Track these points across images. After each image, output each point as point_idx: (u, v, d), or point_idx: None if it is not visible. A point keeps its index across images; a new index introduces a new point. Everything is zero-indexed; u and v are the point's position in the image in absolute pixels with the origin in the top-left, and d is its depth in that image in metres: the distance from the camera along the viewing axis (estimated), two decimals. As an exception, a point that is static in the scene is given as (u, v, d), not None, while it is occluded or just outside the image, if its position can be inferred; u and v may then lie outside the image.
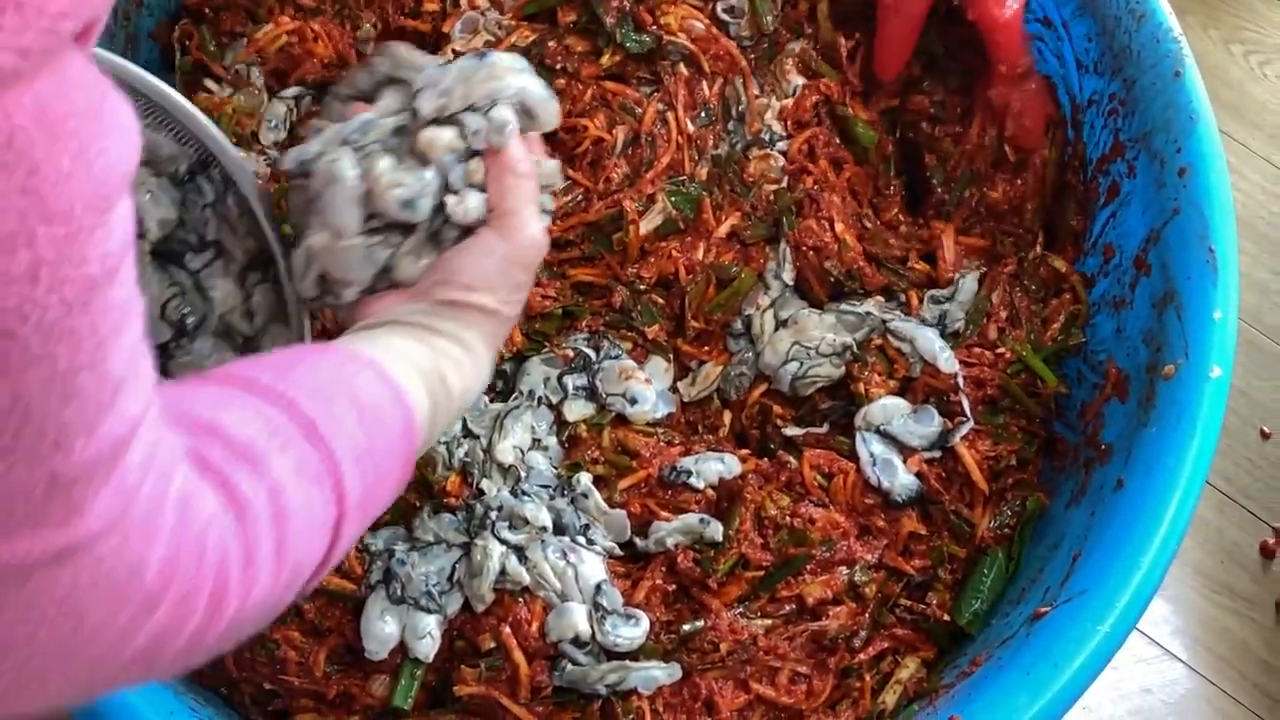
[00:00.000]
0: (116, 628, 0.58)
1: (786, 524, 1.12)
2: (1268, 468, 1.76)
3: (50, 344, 0.47)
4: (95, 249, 0.48)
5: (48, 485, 0.50)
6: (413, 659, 1.06)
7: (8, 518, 0.50)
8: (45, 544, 0.51)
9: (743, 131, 1.23)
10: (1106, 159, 1.23)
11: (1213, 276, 1.08)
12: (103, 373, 0.50)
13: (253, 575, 0.67)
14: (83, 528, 0.53)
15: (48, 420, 0.48)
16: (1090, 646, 0.97)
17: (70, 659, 0.57)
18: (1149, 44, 1.18)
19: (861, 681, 1.11)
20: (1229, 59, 2.07)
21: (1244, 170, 1.96)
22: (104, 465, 0.52)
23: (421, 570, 1.07)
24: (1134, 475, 1.06)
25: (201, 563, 0.62)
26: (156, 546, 0.58)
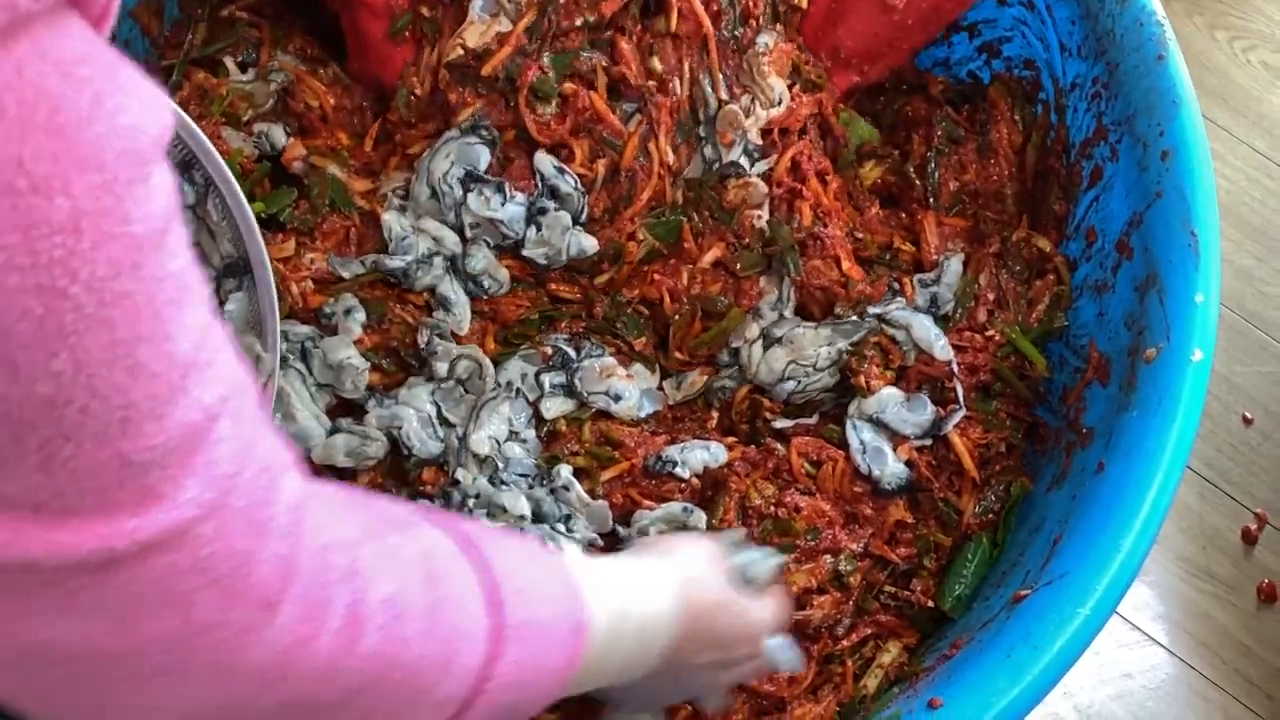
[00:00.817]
0: (231, 628, 0.56)
1: (771, 513, 1.11)
2: (1249, 453, 1.76)
3: (105, 308, 0.46)
4: (137, 208, 0.47)
5: (119, 468, 0.49)
6: None
7: (80, 500, 0.49)
8: (128, 530, 0.50)
9: (714, 139, 1.19)
10: (1089, 143, 1.23)
11: (1195, 260, 1.08)
12: (167, 350, 0.49)
13: (396, 616, 0.64)
14: (170, 515, 0.51)
15: (113, 395, 0.47)
16: (1070, 629, 0.97)
17: (186, 663, 0.55)
18: (1132, 27, 1.18)
19: (843, 667, 1.10)
20: (1213, 44, 2.07)
21: (1227, 156, 1.96)
22: (180, 452, 0.51)
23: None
24: (1115, 458, 1.05)
25: (327, 573, 0.60)
26: (266, 542, 0.56)
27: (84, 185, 0.45)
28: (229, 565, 0.54)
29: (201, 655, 0.55)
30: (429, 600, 0.67)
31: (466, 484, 1.09)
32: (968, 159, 1.31)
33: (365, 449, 1.10)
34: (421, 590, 0.67)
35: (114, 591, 0.51)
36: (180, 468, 0.51)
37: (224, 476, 0.53)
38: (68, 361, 0.46)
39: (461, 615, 0.70)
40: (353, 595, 0.62)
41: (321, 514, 0.61)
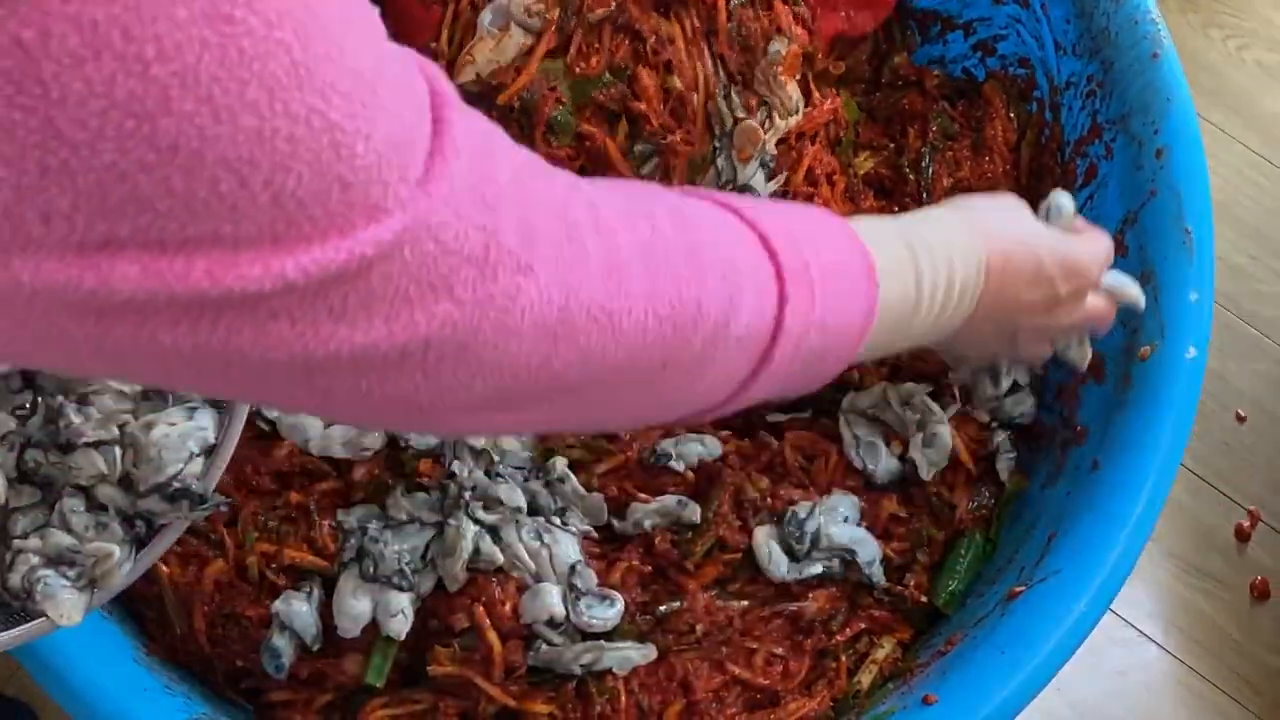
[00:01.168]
0: (496, 299, 0.57)
1: (766, 506, 1.12)
2: (1243, 451, 1.77)
3: (274, 29, 0.45)
4: None
5: (343, 190, 0.49)
6: (385, 637, 1.05)
7: (314, 227, 0.49)
8: (369, 237, 0.50)
9: (729, 153, 1.17)
10: (1084, 141, 1.23)
11: (1189, 258, 1.09)
12: (350, 67, 0.48)
13: (659, 258, 0.65)
14: (401, 219, 0.51)
15: (314, 118, 0.47)
16: (1065, 626, 0.98)
17: (470, 340, 0.57)
18: (1127, 26, 1.18)
19: (838, 662, 1.11)
20: (1208, 43, 2.07)
21: (1222, 154, 1.97)
22: (394, 165, 0.51)
23: (394, 548, 1.06)
24: (1109, 456, 1.06)
25: (574, 229, 0.61)
26: (501, 213, 0.56)
27: None
28: (473, 243, 0.55)
29: (481, 330, 0.57)
30: (688, 243, 0.67)
31: (463, 477, 1.10)
32: (962, 155, 1.31)
33: (362, 440, 1.10)
34: (678, 236, 0.67)
35: (378, 290, 0.52)
36: (400, 179, 0.51)
37: (444, 174, 0.53)
38: (259, 90, 0.45)
39: (733, 254, 0.70)
40: (605, 246, 0.62)
41: (543, 179, 0.62)
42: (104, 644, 1.02)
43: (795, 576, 1.10)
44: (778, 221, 0.75)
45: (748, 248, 0.71)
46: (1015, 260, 0.89)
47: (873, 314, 0.77)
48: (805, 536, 1.09)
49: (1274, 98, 2.03)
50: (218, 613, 1.07)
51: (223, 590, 1.07)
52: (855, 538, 1.10)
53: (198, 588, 1.07)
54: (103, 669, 0.99)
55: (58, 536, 0.85)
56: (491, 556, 1.06)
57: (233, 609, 1.06)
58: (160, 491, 0.87)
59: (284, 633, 1.06)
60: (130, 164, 0.44)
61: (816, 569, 1.10)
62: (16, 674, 1.55)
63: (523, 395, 0.62)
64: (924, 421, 1.15)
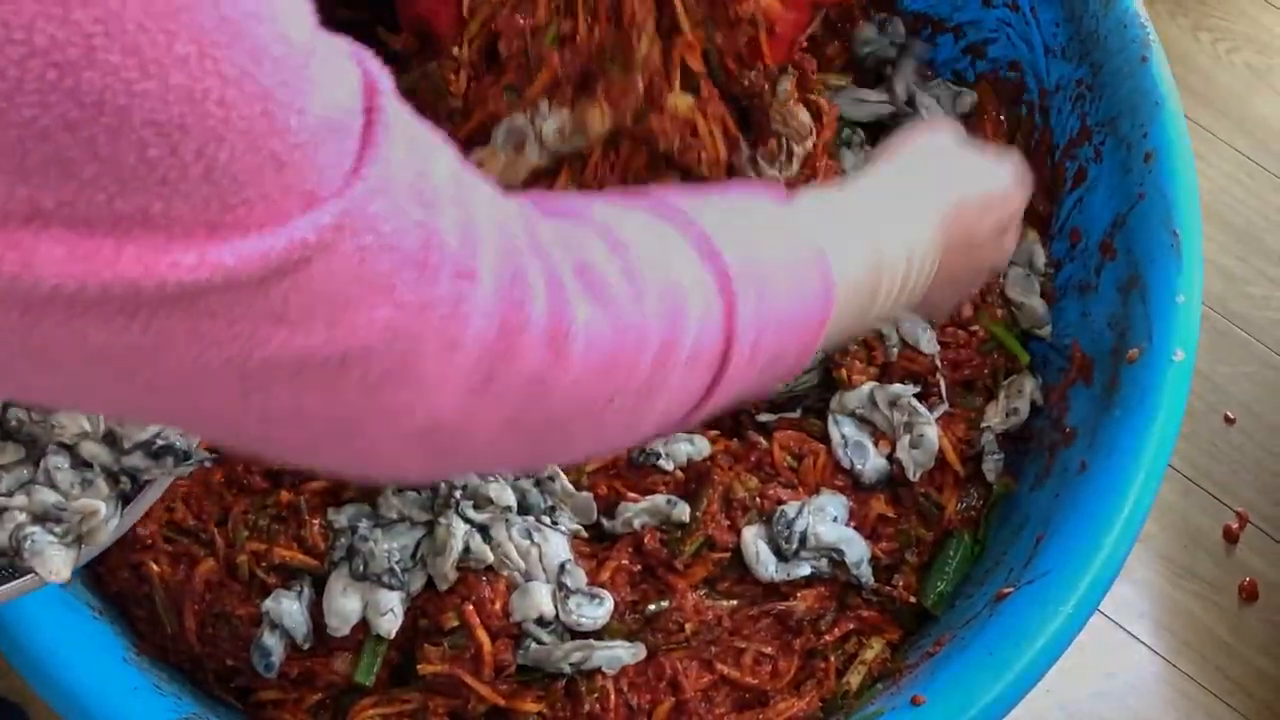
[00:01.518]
0: (440, 305, 0.54)
1: (755, 505, 1.12)
2: (1231, 452, 1.77)
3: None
4: None
5: (277, 171, 0.47)
6: (375, 635, 1.06)
7: (249, 211, 0.47)
8: (307, 224, 0.48)
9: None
10: (1074, 143, 1.24)
11: (1176, 261, 1.09)
12: (280, 32, 0.46)
13: (596, 280, 0.62)
14: (340, 204, 0.49)
15: (245, 81, 0.44)
16: (1053, 627, 0.98)
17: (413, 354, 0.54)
18: (1116, 29, 1.19)
19: (826, 663, 1.11)
20: (1196, 46, 2.07)
21: (1210, 157, 1.97)
22: (328, 147, 0.49)
23: (384, 547, 1.07)
24: (1097, 458, 1.06)
25: (511, 240, 0.58)
26: (440, 211, 0.54)
27: None
28: (412, 239, 0.53)
29: (423, 339, 0.54)
30: (625, 263, 0.64)
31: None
32: None
33: None
34: (614, 256, 0.64)
35: (317, 289, 0.50)
36: (335, 164, 0.49)
37: (378, 159, 0.51)
38: (189, 43, 0.43)
39: (674, 270, 0.67)
40: (545, 264, 0.60)
41: (483, 189, 0.60)
42: (94, 644, 1.03)
43: (784, 577, 1.10)
44: (721, 217, 0.72)
45: (689, 259, 0.68)
46: (965, 212, 0.87)
47: (829, 303, 0.74)
48: (794, 536, 1.10)
49: (1263, 100, 2.04)
50: (208, 612, 1.07)
51: (213, 589, 1.07)
52: (843, 537, 1.11)
53: (188, 587, 1.07)
54: (93, 669, 0.99)
55: (43, 494, 0.86)
56: (481, 555, 1.06)
57: (223, 608, 1.07)
58: (145, 448, 0.87)
59: (274, 631, 1.06)
60: (52, 120, 0.41)
61: (805, 570, 1.10)
62: (7, 674, 1.55)
63: (462, 424, 0.60)
64: (911, 423, 1.15)
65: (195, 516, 1.11)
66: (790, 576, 1.10)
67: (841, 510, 1.13)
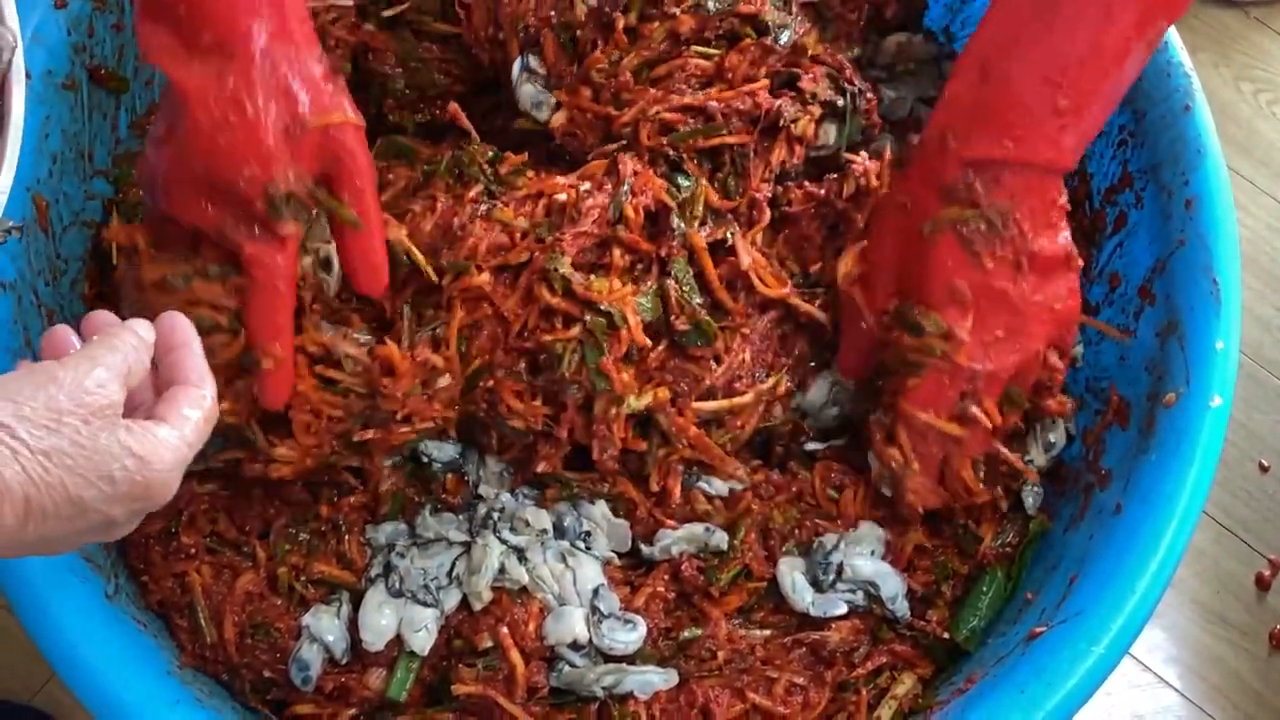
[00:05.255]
0: None
1: (793, 536, 1.13)
2: (1265, 500, 1.77)
3: None
4: None
5: None
6: (409, 652, 1.07)
7: None
8: None
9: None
10: (1115, 189, 1.25)
11: (1216, 307, 1.10)
12: None
13: None
14: None
15: None
16: (1084, 667, 0.99)
17: None
18: (1159, 78, 1.20)
19: (858, 696, 1.11)
20: (1238, 96, 2.08)
21: (1250, 206, 1.98)
22: None
23: (420, 565, 1.08)
24: (1132, 501, 1.07)
25: None
26: None
27: None
28: None
29: None
30: None
31: (490, 498, 1.12)
32: None
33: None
34: None
35: None
36: None
37: None
38: None
39: None
40: None
41: None
42: (138, 658, 1.04)
43: (820, 613, 1.11)
44: None
45: None
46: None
47: None
48: (830, 567, 1.11)
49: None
50: (248, 623, 1.09)
51: (253, 601, 1.09)
52: (879, 571, 1.12)
53: (230, 597, 1.09)
54: (136, 682, 1.01)
55: None
56: (517, 576, 1.07)
57: (263, 619, 1.09)
58: None
59: (313, 645, 1.08)
60: None
61: (840, 608, 1.11)
62: (47, 685, 1.57)
63: None
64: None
65: (238, 529, 1.13)
66: (826, 614, 1.11)
67: (878, 544, 1.14)
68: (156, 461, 0.73)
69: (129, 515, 0.74)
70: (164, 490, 0.75)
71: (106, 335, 0.78)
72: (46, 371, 0.72)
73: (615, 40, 1.16)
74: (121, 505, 0.72)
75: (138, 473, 0.72)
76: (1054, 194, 1.07)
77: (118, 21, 1.22)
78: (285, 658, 1.08)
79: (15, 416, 0.69)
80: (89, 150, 1.21)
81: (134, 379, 0.77)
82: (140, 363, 0.78)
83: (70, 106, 1.17)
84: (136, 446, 0.72)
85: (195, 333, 0.83)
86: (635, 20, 1.17)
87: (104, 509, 0.72)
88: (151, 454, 0.73)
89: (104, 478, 0.71)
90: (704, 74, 1.17)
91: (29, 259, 1.13)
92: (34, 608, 1.01)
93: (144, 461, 0.73)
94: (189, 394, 0.79)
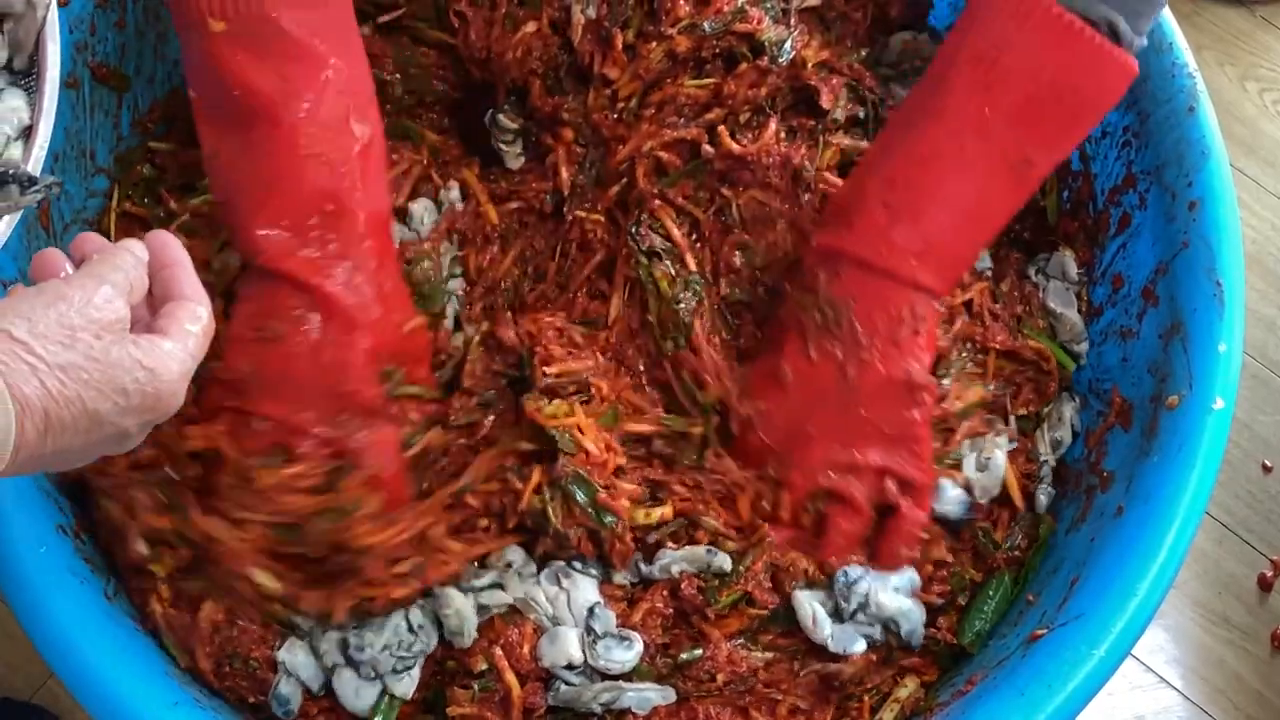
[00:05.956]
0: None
1: (804, 574, 1.11)
2: (1268, 501, 1.77)
3: None
4: None
5: None
6: (391, 695, 1.07)
7: None
8: None
9: None
10: (1118, 190, 1.24)
11: (1219, 310, 1.10)
12: None
13: None
14: None
15: None
16: (1085, 670, 0.98)
17: None
18: (1164, 79, 1.19)
19: (860, 703, 1.11)
20: (1243, 95, 2.08)
21: (1255, 206, 1.97)
22: None
23: (380, 644, 1.06)
24: (1134, 503, 1.07)
25: None
26: None
27: None
28: None
29: None
30: None
31: None
32: None
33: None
34: None
35: None
36: None
37: None
38: None
39: None
40: None
41: None
42: (137, 658, 1.03)
43: (840, 649, 1.08)
44: None
45: None
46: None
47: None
48: (854, 596, 1.08)
49: (1308, 151, 2.04)
50: (222, 653, 1.07)
51: (221, 630, 1.07)
52: (903, 609, 1.09)
53: (195, 629, 1.06)
54: (136, 683, 1.00)
55: None
56: (498, 600, 1.07)
57: (235, 649, 1.06)
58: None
59: (290, 679, 1.07)
60: None
61: (860, 644, 1.08)
62: (47, 683, 1.57)
63: None
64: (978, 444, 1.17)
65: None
66: (845, 651, 1.08)
67: (907, 584, 1.11)
68: (165, 373, 0.76)
69: (140, 427, 0.77)
70: (172, 400, 0.77)
71: (107, 254, 0.80)
72: (55, 290, 0.75)
73: (614, 58, 1.16)
74: (134, 416, 0.75)
75: (148, 384, 0.75)
76: (902, 311, 1.07)
77: (120, 19, 1.21)
78: (265, 688, 1.07)
79: (31, 334, 0.71)
80: (90, 148, 1.21)
81: (135, 296, 0.80)
82: (140, 280, 0.80)
83: (72, 104, 1.17)
84: (146, 359, 0.75)
85: (185, 252, 0.85)
86: (633, 38, 1.17)
87: (118, 421, 0.74)
88: (160, 365, 0.76)
89: (118, 390, 0.73)
90: (697, 101, 1.18)
91: (29, 258, 1.12)
92: (32, 608, 1.00)
93: (154, 373, 0.75)
94: (187, 308, 0.81)
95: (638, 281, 1.17)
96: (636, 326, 1.17)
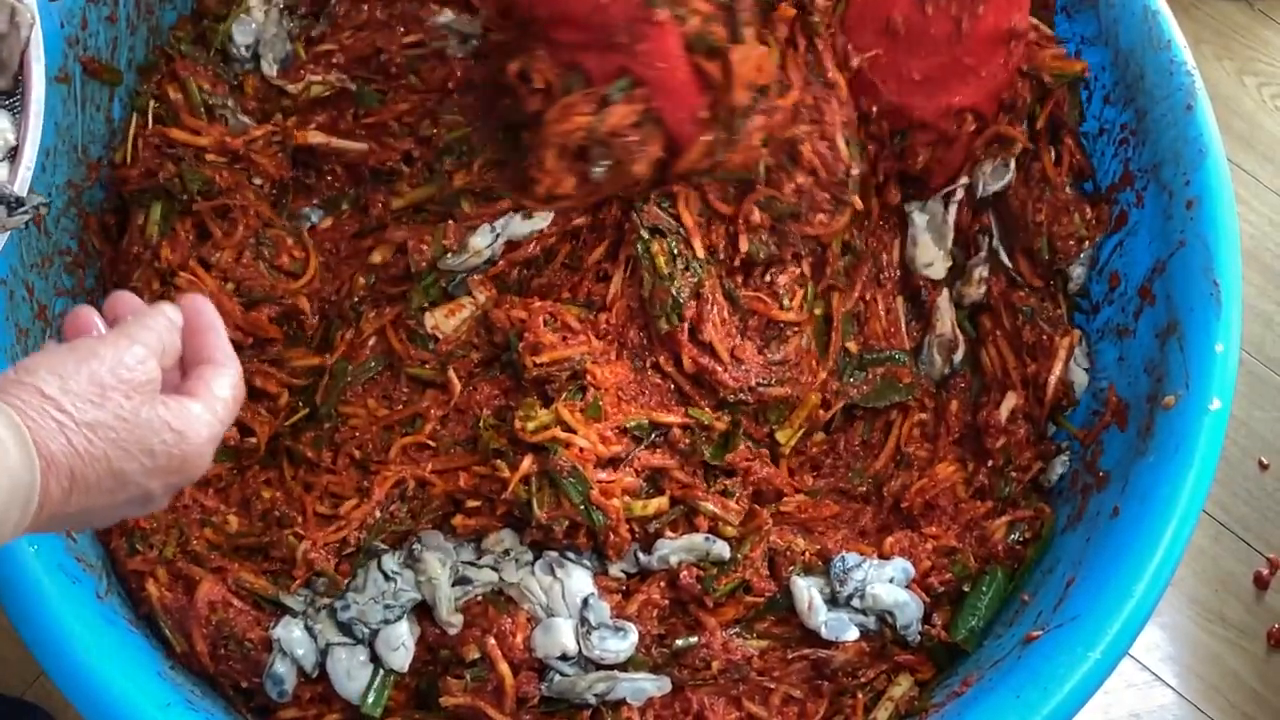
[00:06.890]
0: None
1: (802, 560, 1.12)
2: (1265, 498, 1.76)
3: None
4: None
5: None
6: (388, 670, 1.07)
7: None
8: None
9: None
10: (1116, 188, 1.24)
11: (1216, 310, 1.09)
12: None
13: None
14: None
15: None
16: (1080, 672, 0.98)
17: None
18: (1162, 76, 1.19)
19: (854, 699, 1.11)
20: (1241, 90, 2.07)
21: (1253, 202, 1.97)
22: None
23: (365, 598, 1.07)
24: (1130, 504, 1.06)
25: None
26: None
27: None
28: None
29: None
30: None
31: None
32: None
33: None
34: None
35: None
36: None
37: None
38: None
39: None
40: None
41: None
42: (130, 658, 1.03)
43: (833, 636, 1.09)
44: None
45: None
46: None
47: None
48: (849, 582, 1.09)
49: (1307, 146, 2.03)
50: (218, 634, 1.07)
51: (217, 611, 1.07)
52: (899, 602, 1.10)
53: (191, 611, 1.07)
54: (129, 684, 1.00)
55: None
56: (483, 578, 1.07)
57: (231, 630, 1.07)
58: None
59: (285, 658, 1.06)
60: None
61: (852, 633, 1.09)
62: (39, 680, 1.56)
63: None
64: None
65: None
66: (838, 638, 1.09)
67: (902, 574, 1.12)
68: (193, 435, 0.75)
69: (165, 489, 0.76)
70: (199, 463, 0.76)
71: (140, 315, 0.79)
72: (88, 347, 0.74)
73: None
74: (160, 478, 0.74)
75: (175, 446, 0.74)
76: None
77: (111, 13, 1.21)
78: (260, 669, 1.07)
79: (61, 390, 0.70)
80: (82, 143, 1.20)
81: (167, 359, 0.79)
82: (173, 343, 0.80)
83: (63, 99, 1.16)
84: (175, 421, 0.74)
85: (219, 316, 0.84)
86: None
87: (143, 482, 0.73)
88: (188, 428, 0.75)
89: (145, 451, 0.73)
90: None
91: (21, 254, 1.12)
92: (24, 607, 1.00)
93: (182, 435, 0.74)
94: (218, 373, 0.80)
95: (637, 259, 1.16)
96: (636, 306, 1.16)
